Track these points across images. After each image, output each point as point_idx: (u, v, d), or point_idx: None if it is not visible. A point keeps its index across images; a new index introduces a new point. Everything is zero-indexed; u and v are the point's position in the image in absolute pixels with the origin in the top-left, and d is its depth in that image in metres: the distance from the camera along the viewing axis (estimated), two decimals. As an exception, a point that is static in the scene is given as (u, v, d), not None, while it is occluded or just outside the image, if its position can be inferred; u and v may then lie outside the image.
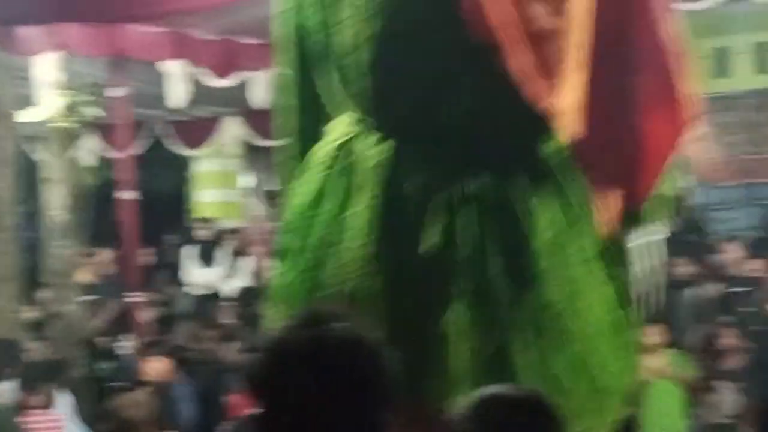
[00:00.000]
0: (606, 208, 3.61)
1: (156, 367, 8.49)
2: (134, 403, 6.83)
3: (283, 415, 2.13)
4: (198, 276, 14.27)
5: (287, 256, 4.15)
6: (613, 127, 3.50)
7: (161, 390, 8.33)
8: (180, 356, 9.32)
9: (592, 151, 3.47)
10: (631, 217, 3.73)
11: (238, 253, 14.41)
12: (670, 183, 3.85)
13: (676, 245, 12.59)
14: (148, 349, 8.81)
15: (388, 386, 2.18)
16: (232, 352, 9.42)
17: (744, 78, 14.98)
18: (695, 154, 3.72)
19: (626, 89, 3.48)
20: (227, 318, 11.15)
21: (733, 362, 9.74)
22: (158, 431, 7.58)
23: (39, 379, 7.42)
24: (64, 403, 7.55)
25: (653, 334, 9.15)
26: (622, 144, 3.51)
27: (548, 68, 3.35)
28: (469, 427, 2.41)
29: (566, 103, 3.38)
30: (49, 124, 10.15)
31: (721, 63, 15.23)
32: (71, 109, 10.13)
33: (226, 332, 10.02)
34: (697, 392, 9.82)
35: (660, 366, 9.18)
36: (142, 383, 8.56)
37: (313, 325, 2.15)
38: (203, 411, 8.99)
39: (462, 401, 2.55)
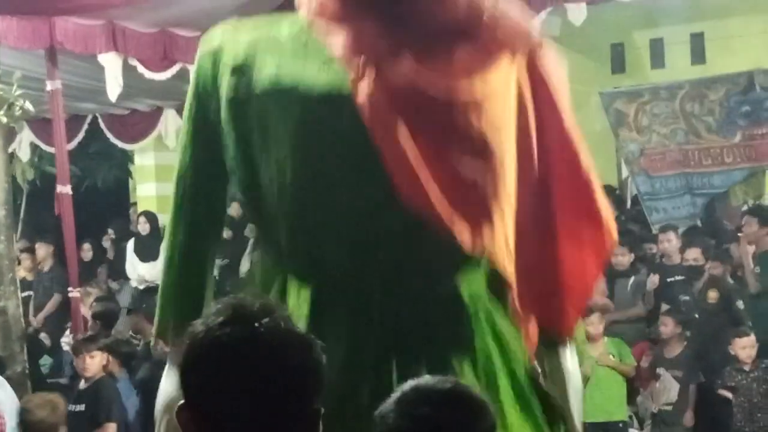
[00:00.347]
0: (533, 334, 3.31)
1: (95, 362, 8.40)
2: (45, 403, 6.72)
3: (209, 410, 2.10)
4: (140, 269, 14.21)
5: None
6: (537, 257, 3.25)
7: (101, 385, 8.26)
8: (120, 350, 9.27)
9: (519, 282, 3.21)
10: (557, 341, 3.41)
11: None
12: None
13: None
14: (87, 344, 8.71)
15: (320, 378, 2.15)
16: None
17: (680, 68, 15.10)
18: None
19: (548, 220, 3.25)
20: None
21: (672, 350, 9.82)
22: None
23: None
24: (5, 398, 7.43)
25: (593, 323, 9.23)
26: (546, 273, 3.27)
27: (473, 210, 3.07)
28: (396, 423, 2.40)
29: (495, 241, 3.13)
30: (-17, 119, 10.08)
31: (656, 54, 15.34)
32: (7, 102, 10.03)
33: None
34: (638, 380, 9.90)
35: (600, 354, 9.25)
36: (81, 378, 8.55)
37: (242, 322, 2.11)
38: (145, 405, 8.94)
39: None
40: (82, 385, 8.52)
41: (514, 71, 3.06)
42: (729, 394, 9.17)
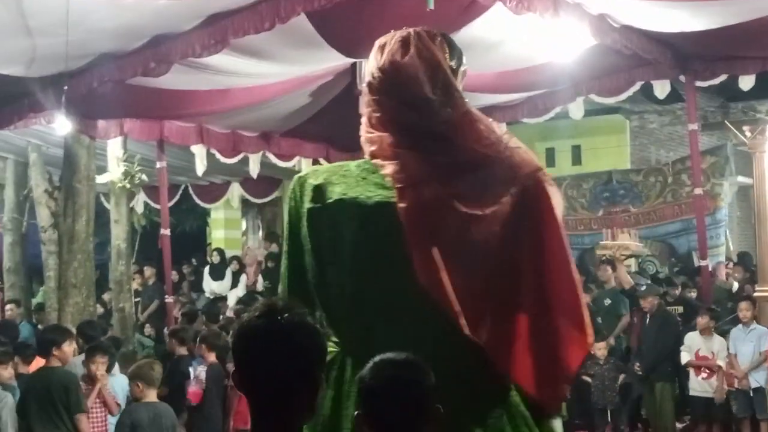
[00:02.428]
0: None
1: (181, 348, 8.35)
2: (148, 363, 6.53)
3: (246, 374, 2.08)
4: (212, 286, 14.20)
5: None
6: (536, 350, 2.72)
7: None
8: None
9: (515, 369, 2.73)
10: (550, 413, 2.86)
11: (238, 272, 14.35)
12: None
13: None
14: (176, 334, 8.65)
15: (322, 354, 2.13)
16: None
17: (564, 167, 15.25)
18: None
19: (546, 317, 2.72)
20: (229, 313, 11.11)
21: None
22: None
23: (110, 348, 7.25)
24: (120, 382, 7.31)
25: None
26: (541, 359, 2.73)
27: (478, 306, 2.65)
28: (366, 384, 2.34)
29: (493, 334, 2.67)
30: (116, 184, 10.12)
31: (549, 157, 15.50)
32: (129, 174, 10.09)
33: (227, 323, 9.92)
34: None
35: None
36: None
37: (269, 315, 2.08)
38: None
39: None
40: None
41: (521, 194, 2.68)
42: (589, 379, 9.21)
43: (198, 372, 7.86)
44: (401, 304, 2.67)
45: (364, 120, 2.91)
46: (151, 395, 6.16)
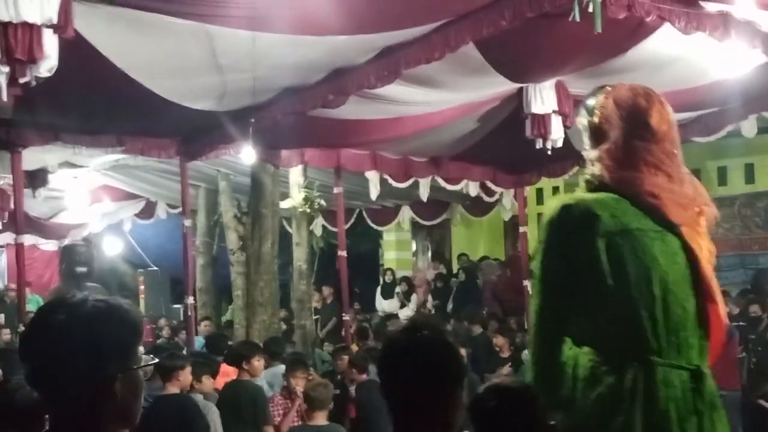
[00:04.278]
0: None
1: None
2: (320, 383, 6.37)
3: (389, 386, 2.11)
4: (384, 305, 14.40)
5: None
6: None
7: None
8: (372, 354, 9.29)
9: None
10: None
11: (408, 291, 14.50)
12: None
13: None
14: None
15: (462, 370, 2.14)
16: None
17: (737, 186, 14.59)
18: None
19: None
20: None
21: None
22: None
23: (299, 363, 7.37)
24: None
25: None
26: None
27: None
28: (479, 404, 2.41)
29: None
30: (297, 209, 10.43)
31: (721, 176, 14.85)
32: (309, 200, 10.39)
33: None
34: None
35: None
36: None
37: (412, 332, 2.13)
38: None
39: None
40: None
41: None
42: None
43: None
44: (700, 324, 2.97)
45: (622, 160, 3.07)
46: (319, 418, 6.00)
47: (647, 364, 2.86)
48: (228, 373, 7.24)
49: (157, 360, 4.75)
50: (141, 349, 1.87)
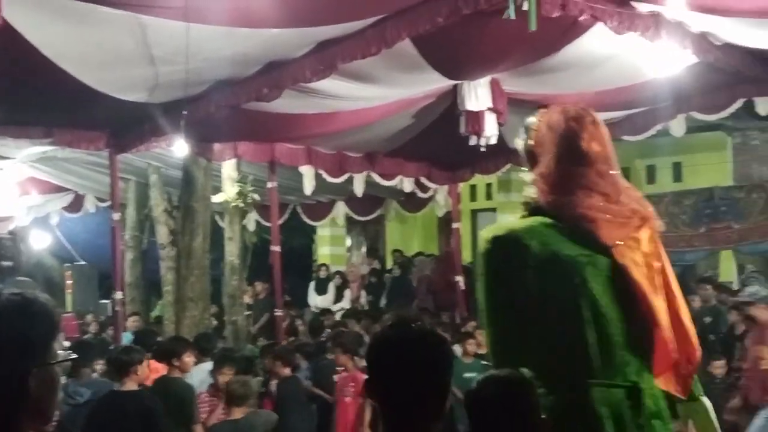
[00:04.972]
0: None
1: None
2: (241, 380, 6.52)
3: (380, 382, 2.09)
4: (317, 300, 14.38)
5: None
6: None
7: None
8: (304, 350, 9.29)
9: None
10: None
11: (342, 286, 14.50)
12: None
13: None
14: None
15: (450, 362, 2.13)
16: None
17: (665, 184, 14.93)
18: None
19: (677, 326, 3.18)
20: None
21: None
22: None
23: (226, 359, 7.34)
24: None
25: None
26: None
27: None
28: (476, 397, 2.44)
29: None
30: (230, 204, 10.33)
31: (650, 174, 15.19)
32: (242, 194, 10.30)
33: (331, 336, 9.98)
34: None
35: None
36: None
37: (401, 326, 2.15)
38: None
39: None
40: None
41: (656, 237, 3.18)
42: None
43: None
44: (636, 342, 3.01)
45: (555, 184, 3.15)
46: (237, 413, 6.03)
47: (582, 386, 2.93)
48: (157, 369, 7.14)
49: (74, 356, 4.67)
50: (60, 344, 1.82)
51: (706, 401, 3.26)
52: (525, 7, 5.31)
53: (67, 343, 8.53)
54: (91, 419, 5.92)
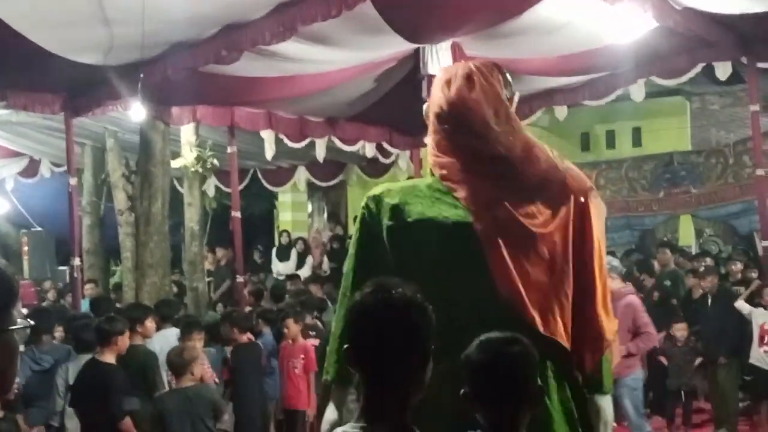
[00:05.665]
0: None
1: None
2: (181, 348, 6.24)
3: (361, 350, 2.05)
4: (279, 267, 14.34)
5: None
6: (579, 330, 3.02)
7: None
8: (266, 316, 9.26)
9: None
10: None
11: (304, 253, 14.48)
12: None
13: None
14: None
15: (431, 326, 2.08)
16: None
17: (625, 149, 15.07)
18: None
19: (585, 306, 3.01)
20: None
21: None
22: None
23: (192, 325, 7.20)
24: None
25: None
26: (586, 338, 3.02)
27: (544, 302, 2.94)
28: (473, 360, 2.37)
29: (557, 324, 2.94)
30: (189, 169, 10.23)
31: (610, 139, 15.31)
32: (202, 159, 10.20)
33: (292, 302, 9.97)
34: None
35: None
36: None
37: (382, 291, 2.07)
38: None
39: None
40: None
41: (575, 210, 2.98)
42: (665, 361, 8.99)
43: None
44: (485, 314, 2.82)
45: (431, 144, 3.14)
46: (186, 381, 5.86)
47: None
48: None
49: (32, 323, 4.64)
50: (19, 311, 1.78)
51: (601, 401, 3.09)
52: (487, -31, 5.28)
53: (25, 311, 8.42)
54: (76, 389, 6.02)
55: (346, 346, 2.11)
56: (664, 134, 14.62)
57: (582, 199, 3.02)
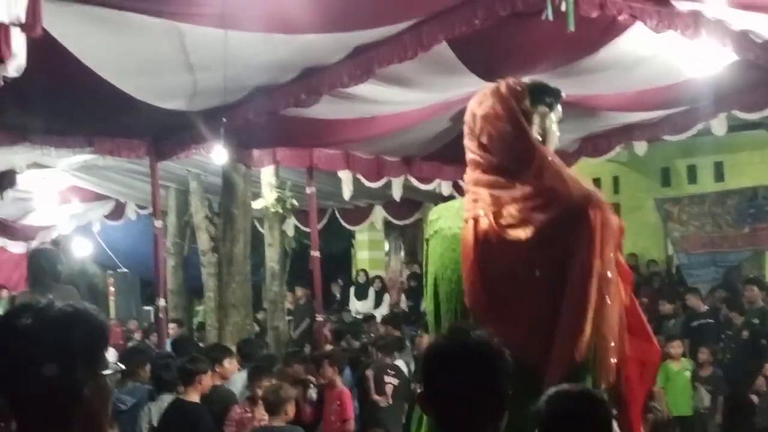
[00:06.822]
0: None
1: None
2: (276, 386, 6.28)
3: (436, 394, 2.02)
4: (357, 305, 14.38)
5: None
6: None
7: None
8: (346, 355, 9.25)
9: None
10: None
11: (381, 291, 14.49)
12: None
13: (664, 292, 12.32)
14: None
15: (508, 372, 2.04)
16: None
17: (707, 184, 14.72)
18: None
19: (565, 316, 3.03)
20: (375, 331, 11.20)
21: (705, 371, 9.46)
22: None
23: (261, 371, 7.28)
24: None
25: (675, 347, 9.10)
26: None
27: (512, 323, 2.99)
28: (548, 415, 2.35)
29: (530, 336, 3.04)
30: (269, 209, 10.37)
31: (691, 174, 14.99)
32: (282, 200, 10.34)
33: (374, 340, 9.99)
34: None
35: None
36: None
37: (456, 336, 2.07)
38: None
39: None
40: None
41: (563, 218, 2.97)
42: (756, 399, 8.71)
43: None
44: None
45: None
46: (276, 420, 5.89)
47: None
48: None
49: (123, 367, 4.68)
50: (110, 355, 1.84)
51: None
52: (563, 7, 5.26)
53: (113, 351, 8.60)
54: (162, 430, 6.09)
55: (419, 390, 2.09)
56: (747, 168, 14.26)
57: (575, 208, 3.03)
